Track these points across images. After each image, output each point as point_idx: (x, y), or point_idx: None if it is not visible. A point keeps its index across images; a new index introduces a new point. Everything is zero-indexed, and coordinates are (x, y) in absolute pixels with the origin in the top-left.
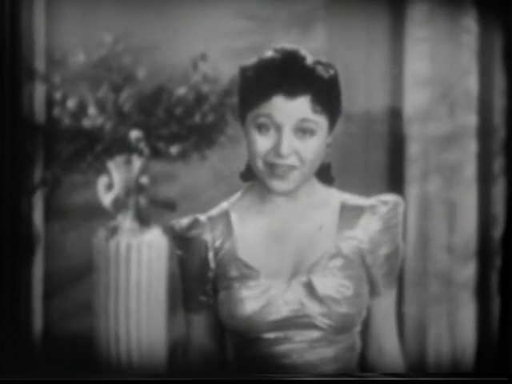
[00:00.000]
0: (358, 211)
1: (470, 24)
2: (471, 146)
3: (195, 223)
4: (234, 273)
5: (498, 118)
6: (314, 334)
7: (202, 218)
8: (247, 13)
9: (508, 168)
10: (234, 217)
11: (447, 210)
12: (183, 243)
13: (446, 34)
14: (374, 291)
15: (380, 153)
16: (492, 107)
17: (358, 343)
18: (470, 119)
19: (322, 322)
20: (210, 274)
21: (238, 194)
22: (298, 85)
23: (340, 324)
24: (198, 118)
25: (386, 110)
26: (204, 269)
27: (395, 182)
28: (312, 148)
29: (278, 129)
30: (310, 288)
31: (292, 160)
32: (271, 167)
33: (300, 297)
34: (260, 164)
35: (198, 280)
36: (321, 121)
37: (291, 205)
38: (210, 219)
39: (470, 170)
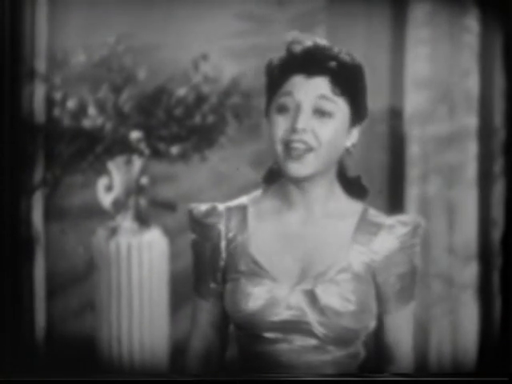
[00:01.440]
0: (376, 228)
1: (471, 24)
2: (471, 147)
3: (212, 211)
4: (242, 267)
5: (499, 119)
6: (311, 341)
7: (221, 207)
8: (248, 14)
9: (508, 169)
10: (251, 212)
11: (447, 211)
12: (198, 228)
13: (447, 35)
14: (384, 308)
15: (380, 153)
16: (492, 108)
17: (362, 352)
18: (470, 120)
19: (319, 331)
20: (221, 263)
21: (258, 191)
22: (319, 64)
23: (339, 336)
24: (198, 118)
25: (386, 111)
26: (215, 257)
27: (395, 182)
28: (329, 129)
29: (297, 107)
30: (312, 296)
31: (307, 137)
32: (288, 148)
33: (301, 303)
34: (279, 146)
35: (209, 266)
36: (340, 103)
37: (309, 209)
38: (228, 210)
39: (471, 171)
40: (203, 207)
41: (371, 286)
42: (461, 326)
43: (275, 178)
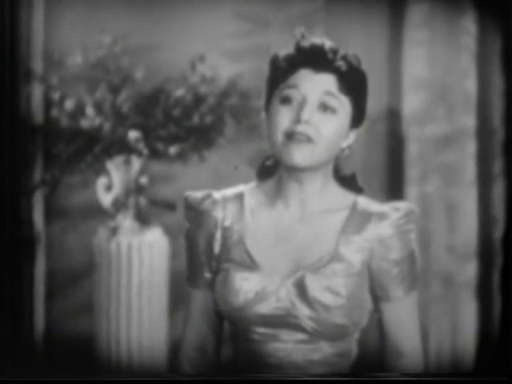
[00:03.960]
0: (366, 217)
1: (469, 25)
2: (470, 147)
3: (208, 198)
4: (235, 257)
5: (497, 119)
6: (301, 335)
7: (217, 194)
8: (246, 14)
9: (507, 169)
10: (247, 202)
11: (447, 211)
12: (194, 215)
13: (445, 36)
14: (382, 296)
15: (379, 154)
16: (491, 109)
17: (354, 350)
18: (468, 120)
19: (308, 324)
20: (216, 251)
21: (254, 182)
22: (327, 61)
23: (329, 331)
24: (196, 119)
25: (384, 111)
26: (211, 245)
27: (394, 182)
28: (331, 125)
29: (303, 100)
30: (301, 289)
31: (310, 130)
32: (289, 138)
33: (291, 296)
34: (279, 136)
35: (203, 255)
36: (344, 101)
37: (304, 204)
38: (224, 198)
39: (470, 170)
40: (199, 194)
41: (365, 279)
42: (460, 326)
43: (269, 173)
